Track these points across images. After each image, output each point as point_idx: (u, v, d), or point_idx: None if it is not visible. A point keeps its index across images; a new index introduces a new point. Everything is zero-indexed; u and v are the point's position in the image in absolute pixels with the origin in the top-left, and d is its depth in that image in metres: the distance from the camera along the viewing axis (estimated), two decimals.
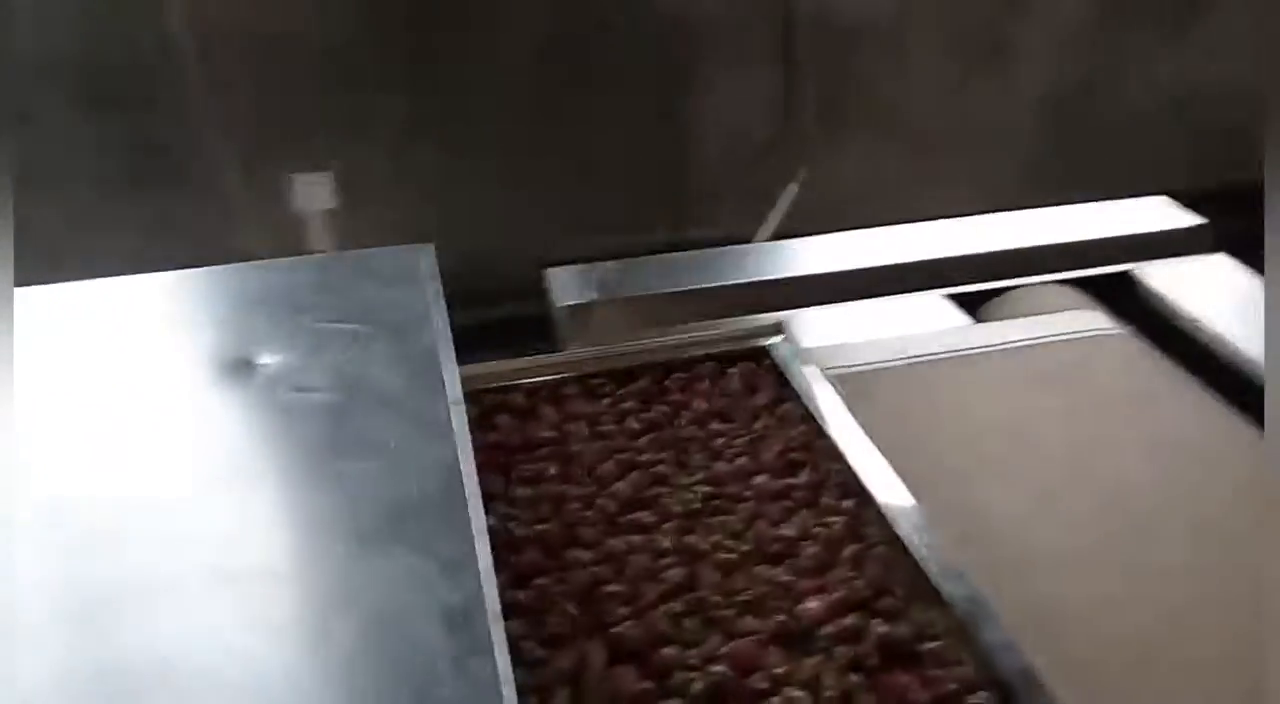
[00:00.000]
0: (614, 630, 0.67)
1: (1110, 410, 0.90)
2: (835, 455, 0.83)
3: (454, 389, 0.67)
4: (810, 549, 0.74)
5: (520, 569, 0.72)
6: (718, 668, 0.65)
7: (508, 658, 0.48)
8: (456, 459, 0.62)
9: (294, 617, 0.52)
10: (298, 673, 0.48)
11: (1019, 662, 0.64)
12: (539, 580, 0.71)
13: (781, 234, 1.30)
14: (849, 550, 0.74)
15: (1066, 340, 0.96)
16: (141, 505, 0.58)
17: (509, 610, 0.68)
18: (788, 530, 0.76)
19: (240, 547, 0.56)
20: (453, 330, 0.73)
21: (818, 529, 0.76)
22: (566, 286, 1.03)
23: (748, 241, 1.26)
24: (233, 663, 0.49)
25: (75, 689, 0.47)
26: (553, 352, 0.95)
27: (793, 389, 0.90)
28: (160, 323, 0.74)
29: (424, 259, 0.78)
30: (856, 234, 1.19)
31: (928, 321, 1.04)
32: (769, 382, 0.92)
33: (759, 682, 0.64)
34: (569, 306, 1.00)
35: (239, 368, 0.69)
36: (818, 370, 0.90)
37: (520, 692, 0.62)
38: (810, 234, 1.18)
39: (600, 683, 0.64)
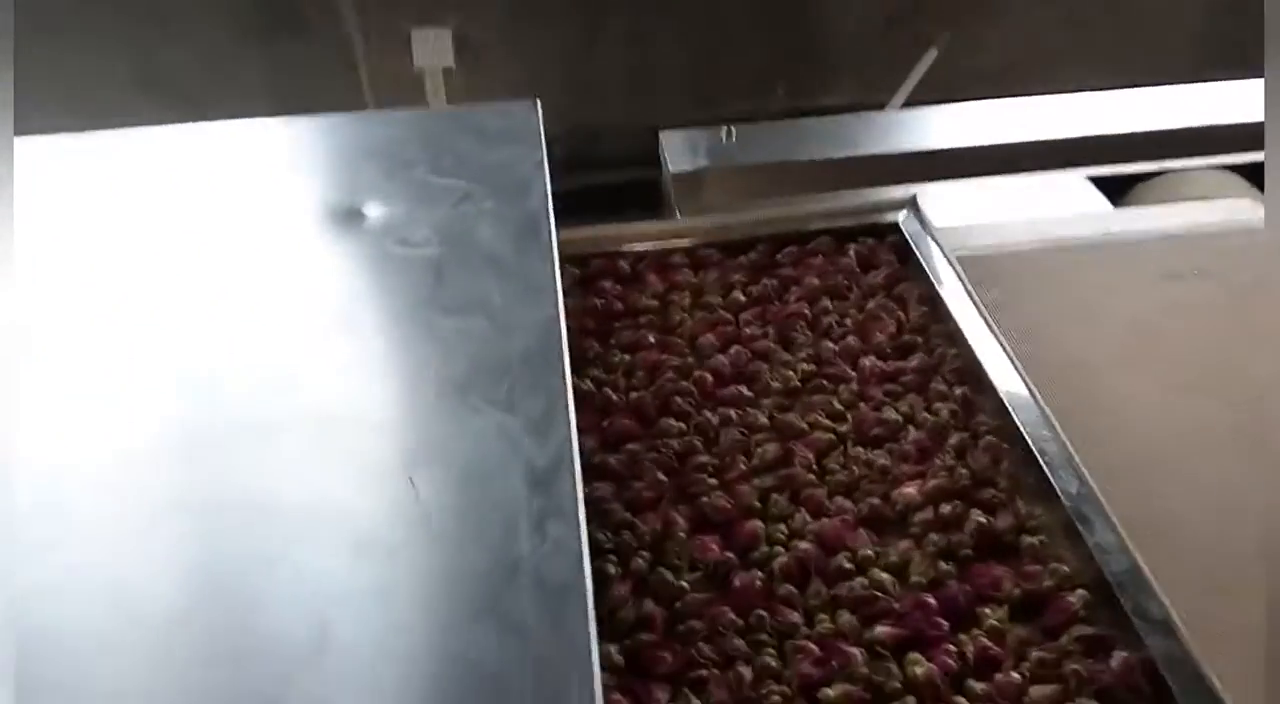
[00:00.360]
0: (701, 500, 0.67)
1: (1253, 307, 0.83)
2: (952, 339, 0.79)
3: (552, 252, 0.66)
4: (913, 434, 0.72)
5: (612, 434, 0.72)
6: (803, 544, 0.64)
7: (584, 522, 0.48)
8: (553, 320, 0.61)
9: (383, 463, 0.53)
10: (383, 517, 0.49)
11: (1124, 563, 0.61)
12: (630, 445, 0.71)
13: (915, 104, 1.22)
14: (955, 438, 0.71)
15: (1216, 231, 0.88)
16: (245, 349, 0.59)
17: (599, 472, 0.69)
18: (891, 414, 0.73)
19: (337, 394, 0.57)
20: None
21: (924, 415, 0.73)
22: (680, 152, 0.99)
23: (879, 110, 1.18)
24: (326, 503, 0.51)
25: (183, 520, 0.49)
26: (663, 219, 0.93)
27: (914, 268, 0.86)
28: (271, 168, 0.75)
29: (530, 116, 0.76)
30: (996, 105, 1.11)
31: (1069, 204, 0.97)
32: (889, 259, 0.87)
33: (844, 561, 0.63)
34: (682, 173, 0.97)
35: (347, 217, 0.69)
36: (943, 249, 0.85)
37: (601, 552, 0.64)
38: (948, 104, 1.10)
39: (682, 549, 0.64)
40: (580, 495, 0.48)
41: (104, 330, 0.60)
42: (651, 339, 0.80)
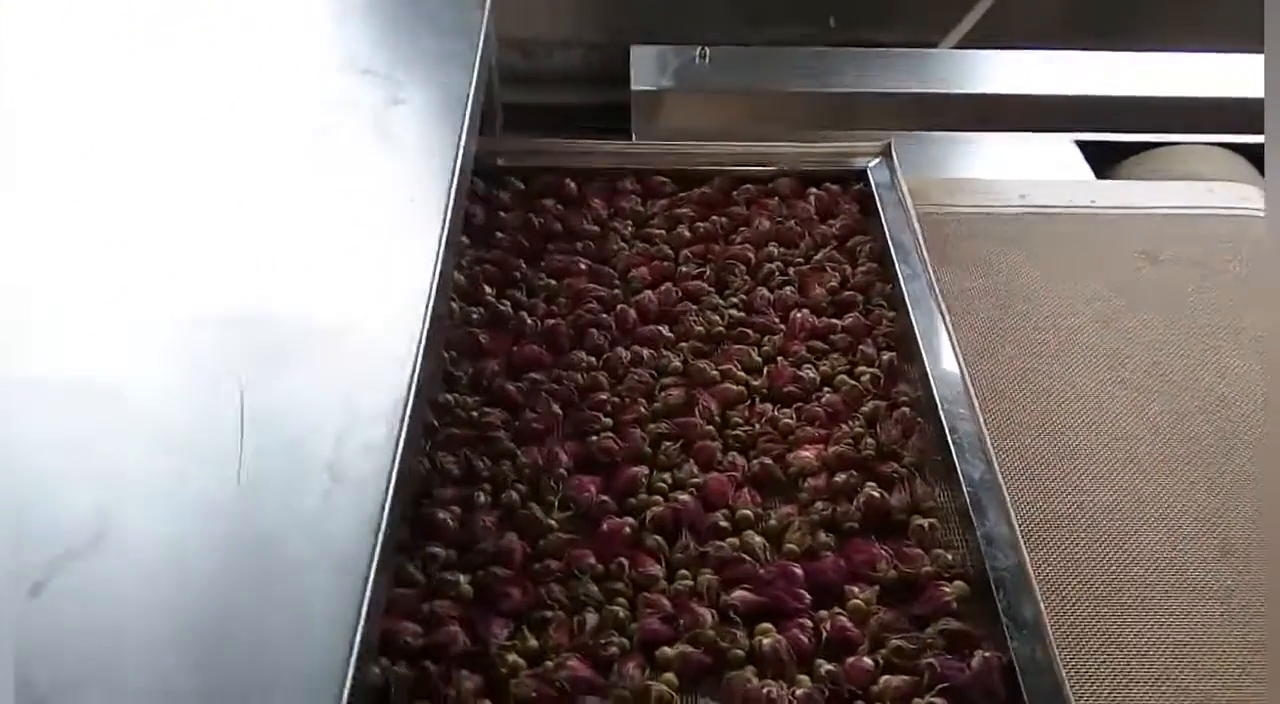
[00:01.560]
0: (591, 439, 0.65)
1: (1228, 302, 0.77)
2: (893, 302, 0.75)
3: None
4: (828, 397, 0.68)
5: (519, 359, 0.70)
6: (683, 497, 0.62)
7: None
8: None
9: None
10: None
11: (1009, 559, 0.58)
12: (534, 374, 0.69)
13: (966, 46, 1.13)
14: (869, 406, 0.68)
15: (1203, 214, 0.81)
16: None
17: (495, 398, 0.67)
18: (810, 372, 0.70)
19: None
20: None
21: (843, 378, 0.70)
22: (648, 69, 0.94)
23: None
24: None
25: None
26: (621, 139, 0.89)
27: (873, 221, 0.81)
28: None
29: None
30: (1020, 54, 1.03)
31: (1055, 168, 0.91)
32: (849, 209, 0.83)
33: (721, 519, 0.61)
34: (644, 92, 0.92)
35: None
36: (906, 204, 0.80)
37: (476, 480, 0.63)
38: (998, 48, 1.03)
39: (557, 487, 0.62)
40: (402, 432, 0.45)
41: None
42: (583, 266, 0.77)
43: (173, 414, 0.44)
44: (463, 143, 0.59)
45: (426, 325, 0.47)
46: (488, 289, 0.75)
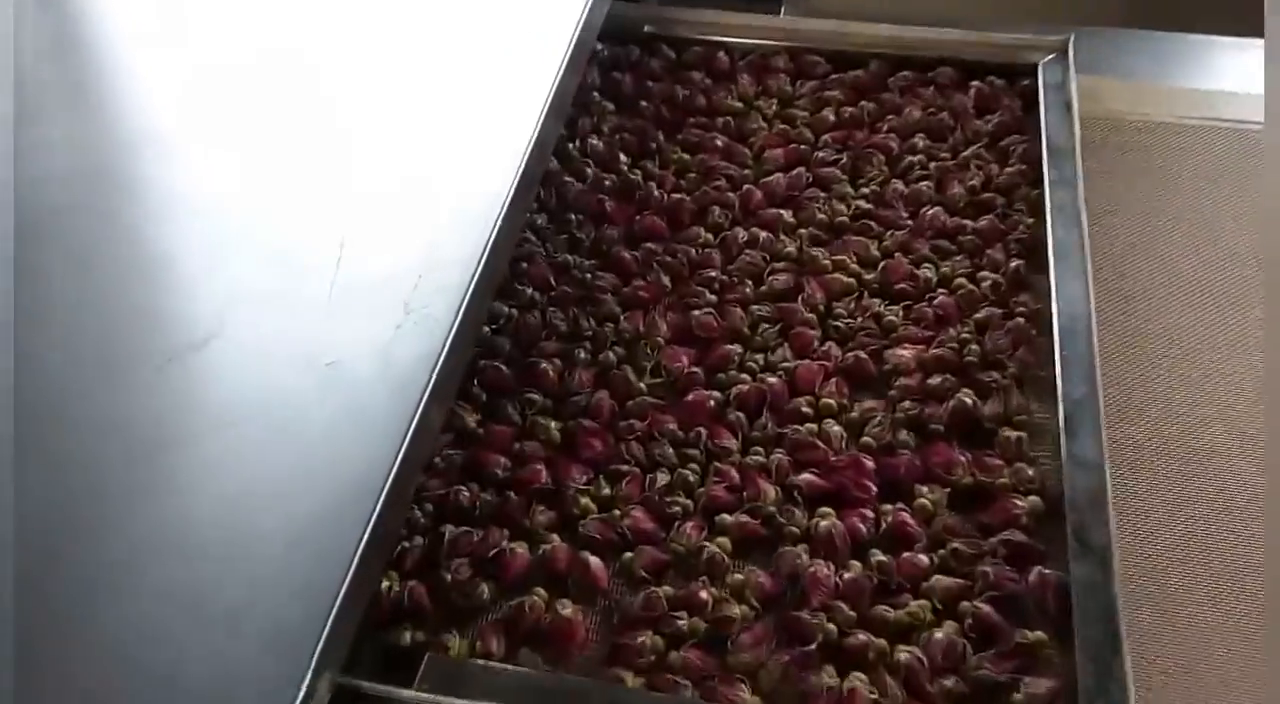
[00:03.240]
0: (693, 313, 0.66)
1: None
2: (1035, 209, 0.71)
3: None
4: (941, 298, 0.67)
5: (640, 229, 0.72)
6: (771, 379, 0.63)
7: None
8: None
9: None
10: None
11: (1089, 481, 0.56)
12: (651, 245, 0.71)
13: None
14: (983, 313, 0.66)
15: None
16: None
17: (610, 264, 0.70)
18: (928, 272, 0.68)
19: None
20: None
21: (962, 281, 0.68)
22: None
23: None
24: None
25: None
26: (778, 14, 0.86)
27: (1035, 122, 0.76)
28: None
29: None
30: None
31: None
32: (1010, 106, 0.78)
33: (804, 405, 0.62)
34: None
35: None
36: (1071, 106, 0.75)
37: (579, 338, 0.66)
38: None
39: (652, 353, 0.64)
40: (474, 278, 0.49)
41: None
42: (719, 143, 0.77)
43: (282, 237, 0.50)
44: (588, 8, 0.60)
45: (515, 183, 0.50)
46: (623, 158, 0.77)
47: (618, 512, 0.57)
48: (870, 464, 0.59)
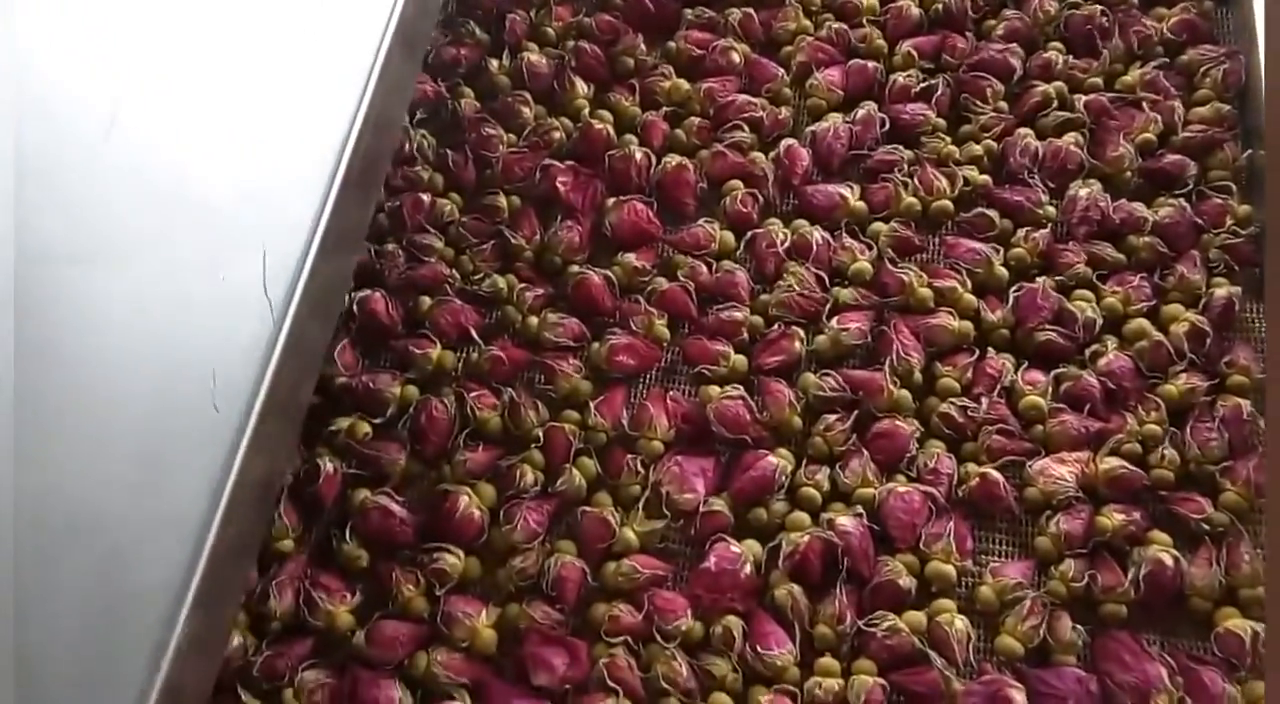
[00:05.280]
0: (710, 398, 0.40)
1: None
2: (1247, 184, 0.44)
3: None
4: (1109, 356, 0.41)
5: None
6: (844, 522, 0.38)
7: None
8: None
9: None
10: None
11: None
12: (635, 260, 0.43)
13: None
14: (1180, 384, 0.40)
15: None
16: None
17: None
18: (1084, 306, 0.42)
19: None
20: None
21: (1140, 323, 0.42)
22: None
23: None
24: None
25: None
26: None
27: (1240, 20, 0.48)
28: None
29: None
30: None
31: None
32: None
33: (901, 575, 0.37)
34: None
35: None
36: None
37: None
38: None
39: (648, 484, 0.38)
40: None
41: None
42: (734, 58, 0.48)
43: None
44: None
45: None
46: (580, 88, 0.47)
47: None
48: (1018, 697, 0.35)
